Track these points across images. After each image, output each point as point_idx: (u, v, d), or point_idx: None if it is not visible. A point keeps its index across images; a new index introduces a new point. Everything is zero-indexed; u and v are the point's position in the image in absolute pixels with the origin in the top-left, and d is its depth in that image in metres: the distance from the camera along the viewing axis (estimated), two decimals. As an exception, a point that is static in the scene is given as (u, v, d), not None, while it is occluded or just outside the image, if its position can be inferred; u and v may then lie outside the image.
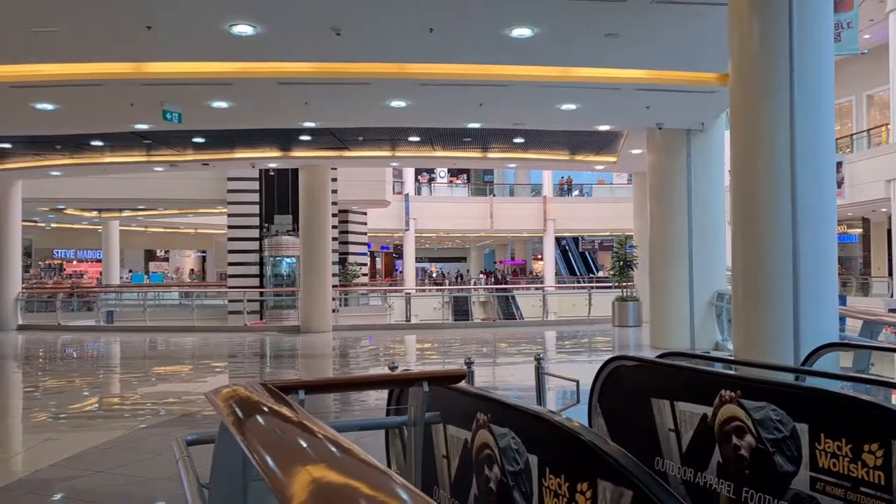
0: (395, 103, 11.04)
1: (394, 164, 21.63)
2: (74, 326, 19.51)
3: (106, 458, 5.97)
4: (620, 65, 9.53)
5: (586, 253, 48.46)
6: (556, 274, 40.12)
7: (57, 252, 37.52)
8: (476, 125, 13.19)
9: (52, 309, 20.52)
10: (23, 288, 20.08)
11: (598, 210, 35.84)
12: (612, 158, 17.11)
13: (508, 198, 39.70)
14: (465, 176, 44.61)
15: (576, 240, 46.69)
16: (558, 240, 41.63)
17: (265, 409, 2.04)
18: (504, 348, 14.86)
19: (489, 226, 36.12)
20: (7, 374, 12.30)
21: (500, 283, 40.08)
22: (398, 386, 2.95)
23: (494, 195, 38.95)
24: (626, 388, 3.49)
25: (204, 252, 41.63)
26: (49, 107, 10.76)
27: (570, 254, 47.57)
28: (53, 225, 34.28)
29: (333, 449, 1.55)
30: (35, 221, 31.04)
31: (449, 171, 40.68)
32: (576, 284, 39.64)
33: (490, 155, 17.27)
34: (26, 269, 23.68)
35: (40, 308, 20.97)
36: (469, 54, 8.93)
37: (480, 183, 44.78)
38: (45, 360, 14.47)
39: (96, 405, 9.15)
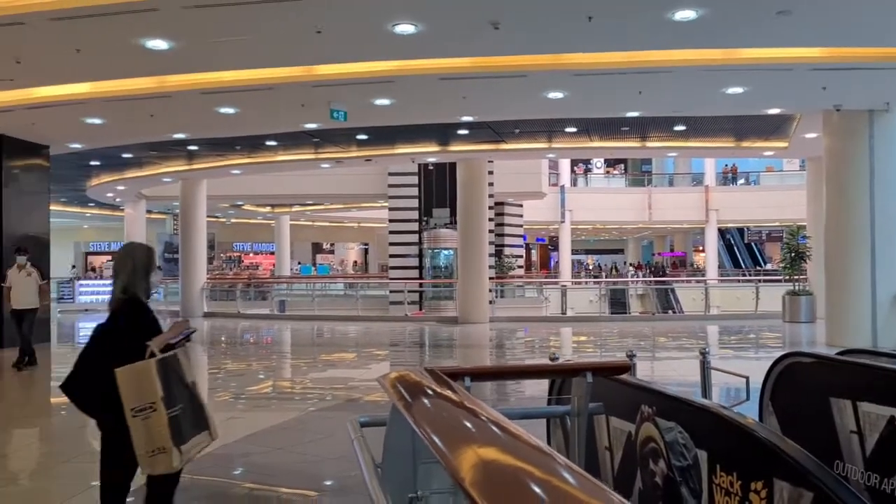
0: (552, 94, 10.98)
1: (550, 155, 21.49)
2: (251, 314, 20.99)
3: (281, 437, 6.40)
4: (793, 43, 8.94)
5: (752, 244, 45.83)
6: (719, 266, 38.24)
7: (236, 245, 40.47)
8: (634, 114, 12.86)
9: (232, 298, 22.19)
10: (207, 279, 21.83)
11: (765, 199, 33.76)
12: (782, 144, 16.10)
13: (668, 188, 38.30)
14: (622, 166, 43.54)
15: (741, 230, 44.27)
16: (721, 231, 39.69)
17: (434, 393, 2.13)
18: (664, 342, 14.41)
19: (647, 217, 35.02)
20: (195, 357, 13.45)
21: (658, 276, 38.78)
22: (562, 376, 2.96)
23: (653, 185, 37.71)
24: (801, 386, 3.30)
25: (366, 245, 43.34)
26: (230, 110, 11.64)
27: (734, 245, 45.23)
28: (233, 220, 36.95)
29: (501, 432, 1.59)
30: (217, 217, 33.58)
31: (605, 161, 39.86)
32: (741, 277, 37.61)
33: (649, 144, 16.77)
34: (210, 261, 25.71)
35: (222, 297, 22.72)
36: (628, 41, 8.72)
37: (638, 173, 43.54)
38: (227, 345, 15.67)
39: (271, 388, 9.81)
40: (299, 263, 37.30)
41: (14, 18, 7.39)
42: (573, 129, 15.12)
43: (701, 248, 42.17)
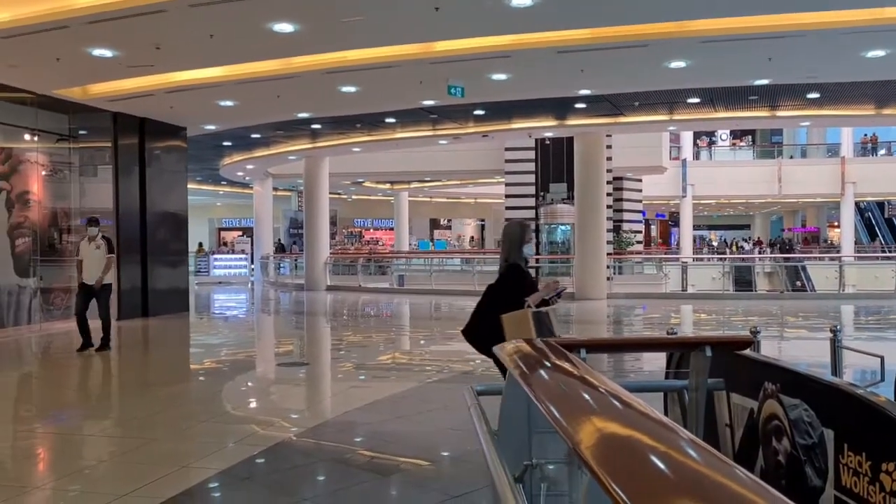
0: (674, 64, 10.62)
1: (671, 128, 20.83)
2: (372, 288, 21.62)
3: (400, 406, 6.60)
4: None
5: (893, 219, 42.68)
6: (856, 243, 35.90)
7: (357, 221, 41.66)
8: (763, 82, 12.24)
9: (353, 272, 22.92)
10: (330, 253, 22.64)
11: (911, 171, 31.46)
12: (931, 110, 14.89)
13: (800, 160, 36.27)
14: (749, 138, 41.53)
15: (880, 204, 41.30)
16: (858, 205, 37.19)
17: (551, 363, 2.17)
18: (792, 321, 13.78)
19: (776, 191, 33.24)
20: (319, 329, 14.05)
21: (787, 253, 36.84)
22: (680, 349, 2.92)
23: (783, 157, 35.78)
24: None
25: (483, 220, 43.53)
26: (352, 89, 11.97)
27: (873, 220, 42.26)
28: (354, 197, 38.01)
29: (620, 404, 1.60)
30: (339, 194, 34.63)
31: (731, 133, 38.09)
32: (880, 254, 35.18)
33: (779, 113, 15.91)
34: (332, 236, 26.66)
35: (344, 271, 23.52)
36: (758, 4, 8.30)
37: (767, 144, 41.35)
38: (349, 317, 16.25)
39: (390, 359, 10.11)
40: (417, 239, 37.96)
41: (156, 7, 7.89)
42: (696, 100, 14.56)
43: (836, 223, 39.72)
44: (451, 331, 13.22)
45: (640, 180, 26.85)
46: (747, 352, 2.74)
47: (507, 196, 24.09)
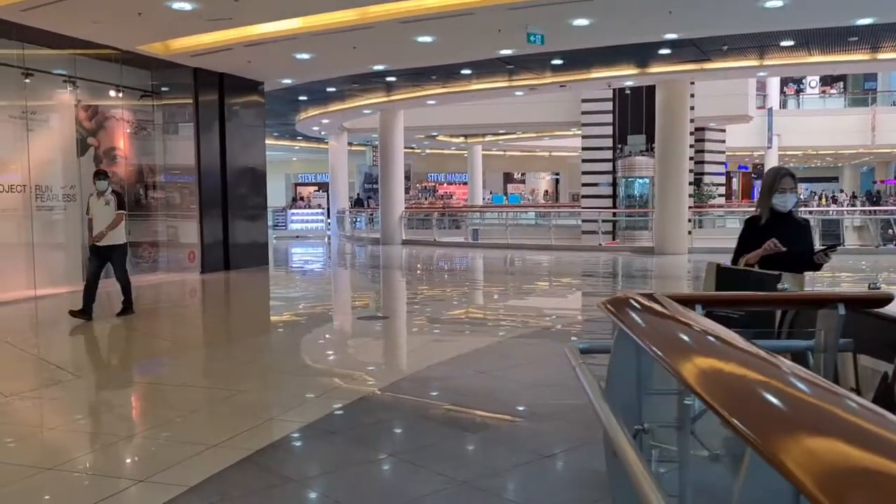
0: (770, 3, 9.96)
1: (760, 74, 19.79)
2: (446, 242, 21.57)
3: (481, 361, 6.49)
4: None
5: None
6: (958, 195, 33.83)
7: (430, 175, 41.58)
8: (867, 21, 11.39)
9: (428, 226, 22.91)
10: (405, 208, 22.66)
11: None
12: None
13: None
14: (839, 84, 39.34)
15: None
16: (962, 155, 34.97)
17: (671, 317, 1.98)
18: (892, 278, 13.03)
19: (870, 140, 31.54)
20: (395, 283, 14.08)
21: (876, 205, 34.98)
22: (812, 306, 2.68)
23: (877, 104, 33.80)
24: None
25: (557, 174, 42.81)
26: (428, 39, 11.72)
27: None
28: (427, 151, 37.88)
29: (756, 358, 1.42)
30: (413, 148, 34.54)
31: (821, 79, 36.12)
32: None
33: (881, 56, 14.86)
34: (406, 191, 26.66)
35: (418, 226, 23.54)
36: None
37: (859, 91, 39.10)
38: (425, 271, 16.25)
39: (466, 314, 10.02)
40: (491, 193, 37.65)
41: (232, -42, 7.81)
42: (790, 43, 13.71)
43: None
44: (528, 286, 13.13)
45: (724, 130, 25.77)
46: (884, 309, 2.48)
47: (584, 149, 23.51)
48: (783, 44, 13.76)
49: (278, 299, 11.51)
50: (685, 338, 1.77)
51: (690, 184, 19.28)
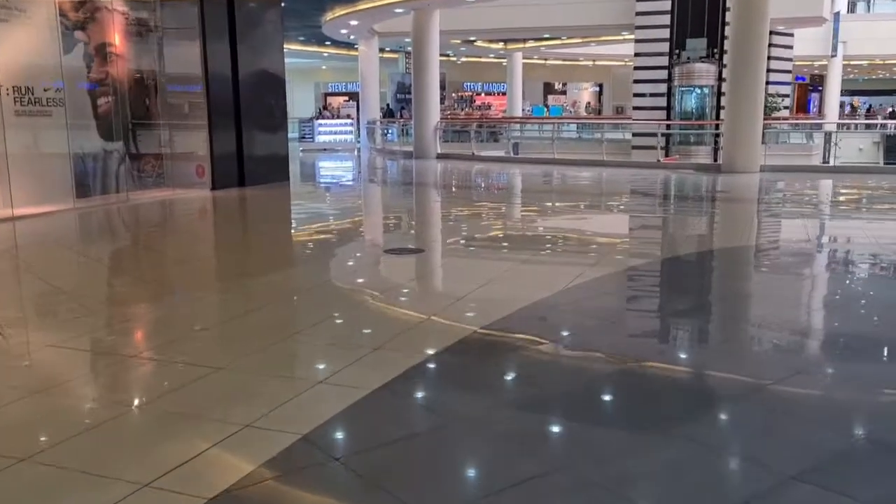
0: None
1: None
2: (485, 157, 19.94)
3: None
4: None
5: None
6: None
7: (466, 85, 39.39)
8: None
9: (464, 139, 21.22)
10: (441, 119, 20.96)
11: None
12: None
13: (980, 10, 31.18)
14: (918, -13, 35.98)
15: None
16: None
17: None
18: None
19: (946, 46, 28.85)
20: (446, 205, 12.59)
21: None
22: None
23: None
24: None
25: (600, 85, 40.41)
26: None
27: None
28: (463, 59, 35.71)
29: None
30: (448, 55, 32.49)
31: (896, -21, 33.05)
32: None
33: None
34: (441, 101, 24.87)
35: (454, 138, 21.86)
36: None
37: (936, -6, 35.75)
38: (470, 189, 14.70)
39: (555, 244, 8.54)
40: (531, 104, 35.56)
41: None
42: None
43: None
44: (612, 209, 11.15)
45: (792, 35, 23.33)
46: None
47: (637, 55, 21.43)
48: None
49: (300, 222, 10.15)
50: None
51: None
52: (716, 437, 3.01)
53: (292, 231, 9.30)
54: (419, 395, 3.52)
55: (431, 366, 3.87)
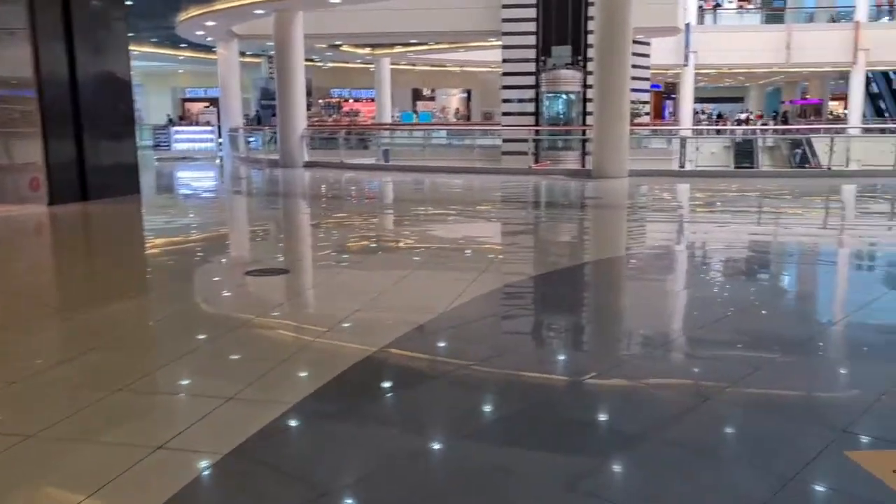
0: None
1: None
2: (355, 165, 19.32)
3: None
4: None
5: (900, 91, 40.51)
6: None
7: (334, 91, 38.51)
8: None
9: (333, 147, 20.50)
10: (307, 126, 20.15)
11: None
12: None
13: (810, 24, 33.68)
14: (757, 0, 38.53)
15: (886, 76, 39.05)
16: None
17: None
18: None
19: (784, 59, 30.99)
20: (308, 218, 11.86)
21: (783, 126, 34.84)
22: None
23: (793, 22, 33.28)
24: None
25: (468, 91, 40.68)
26: None
27: (879, 92, 40.08)
28: (330, 64, 34.87)
29: None
30: (313, 60, 31.59)
31: (739, -7, 35.34)
32: (892, 126, 33.25)
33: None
34: (308, 107, 23.97)
35: (322, 146, 21.09)
36: None
37: (771, 8, 38.47)
38: (338, 199, 14.05)
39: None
40: (399, 111, 35.21)
41: None
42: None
43: (840, 94, 37.62)
44: (493, 218, 10.70)
45: (649, 44, 24.18)
46: None
47: (505, 61, 21.47)
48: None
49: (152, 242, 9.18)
50: None
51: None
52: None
53: (139, 252, 8.32)
54: (277, 459, 2.91)
55: (292, 423, 3.27)
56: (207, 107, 30.58)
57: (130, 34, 13.94)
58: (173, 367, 3.95)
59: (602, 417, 3.32)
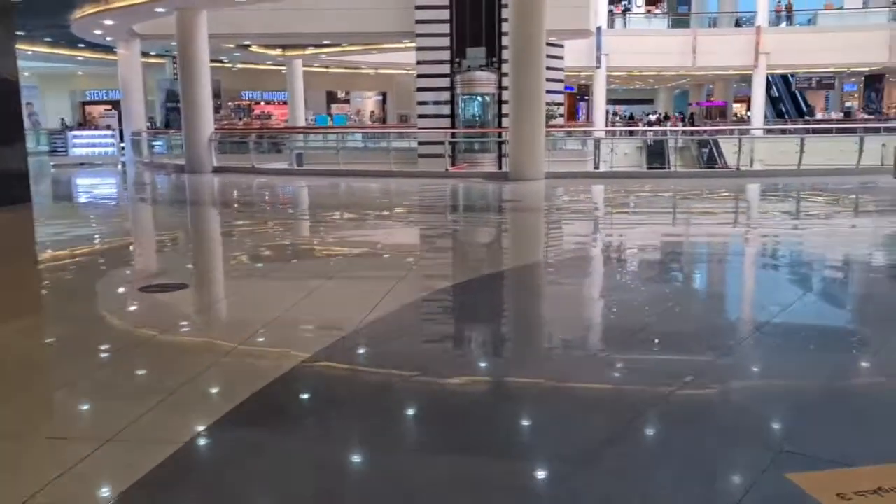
0: None
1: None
2: (267, 169, 18.65)
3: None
4: None
5: (797, 93, 42.42)
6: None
7: (244, 94, 37.40)
8: None
9: (244, 151, 19.74)
10: (215, 129, 19.36)
11: (825, 41, 30.65)
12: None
13: (714, 29, 34.84)
14: (664, 4, 39.63)
15: (785, 78, 40.79)
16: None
17: None
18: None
19: (691, 62, 31.97)
20: (217, 229, 11.24)
21: (691, 127, 35.96)
22: None
23: (698, 27, 34.40)
24: None
25: (384, 94, 40.27)
26: None
27: (779, 94, 41.82)
28: (239, 65, 33.84)
29: None
30: (222, 62, 30.58)
31: (647, -1, 36.24)
32: (792, 127, 34.72)
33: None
34: (216, 109, 23.11)
35: (233, 150, 20.30)
36: None
37: (677, 13, 39.66)
38: (250, 206, 13.44)
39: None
40: (314, 114, 34.49)
41: None
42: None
43: (742, 96, 39.07)
44: (418, 224, 10.39)
45: (563, 46, 24.38)
46: None
47: (419, 63, 21.21)
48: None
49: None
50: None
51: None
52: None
53: (24, 266, 7.60)
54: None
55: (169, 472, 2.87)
56: (108, 110, 29.16)
57: (19, 32, 13.02)
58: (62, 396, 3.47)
59: (523, 436, 3.05)
